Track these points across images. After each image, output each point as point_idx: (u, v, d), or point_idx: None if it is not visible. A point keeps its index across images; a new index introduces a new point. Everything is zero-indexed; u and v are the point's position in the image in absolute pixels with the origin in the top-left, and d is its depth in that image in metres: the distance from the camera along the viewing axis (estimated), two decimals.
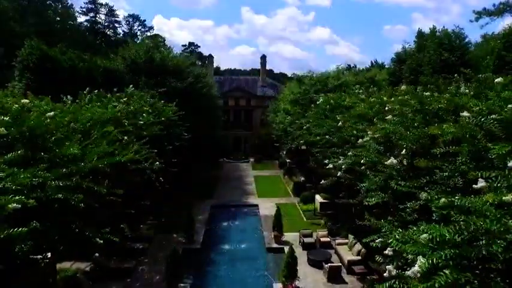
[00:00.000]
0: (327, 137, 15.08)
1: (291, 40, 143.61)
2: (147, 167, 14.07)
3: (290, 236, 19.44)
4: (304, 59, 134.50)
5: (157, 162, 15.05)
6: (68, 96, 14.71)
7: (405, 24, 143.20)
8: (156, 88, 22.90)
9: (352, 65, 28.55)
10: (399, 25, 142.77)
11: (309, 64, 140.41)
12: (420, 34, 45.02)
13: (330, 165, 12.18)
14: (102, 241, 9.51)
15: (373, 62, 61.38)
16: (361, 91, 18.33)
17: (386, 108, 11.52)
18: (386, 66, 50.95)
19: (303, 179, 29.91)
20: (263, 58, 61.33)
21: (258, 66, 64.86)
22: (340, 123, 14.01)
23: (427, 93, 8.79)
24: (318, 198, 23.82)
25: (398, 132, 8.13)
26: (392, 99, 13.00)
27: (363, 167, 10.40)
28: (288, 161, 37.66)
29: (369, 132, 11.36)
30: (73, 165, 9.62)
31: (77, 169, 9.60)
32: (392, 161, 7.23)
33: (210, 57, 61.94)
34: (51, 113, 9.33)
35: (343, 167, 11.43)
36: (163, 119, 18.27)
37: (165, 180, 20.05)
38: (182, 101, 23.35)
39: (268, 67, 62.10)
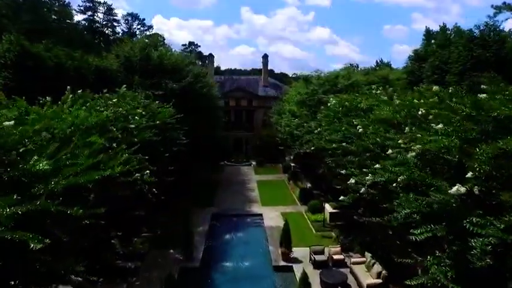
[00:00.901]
0: (343, 144, 13.21)
1: (291, 40, 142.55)
2: (138, 179, 12.22)
3: (298, 252, 17.61)
4: (304, 59, 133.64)
5: (148, 171, 13.16)
6: (48, 98, 12.84)
7: (405, 24, 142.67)
8: (152, 88, 21.10)
9: (354, 65, 26.87)
10: (399, 25, 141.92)
11: (308, 64, 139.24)
12: (428, 32, 43.21)
13: (352, 181, 10.33)
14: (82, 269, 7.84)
15: (379, 61, 59.40)
16: (378, 91, 16.48)
17: (420, 112, 9.67)
18: (392, 66, 49.11)
19: (309, 185, 28.05)
20: (265, 57, 59.48)
21: (258, 66, 63.27)
22: (359, 128, 12.16)
23: (482, 96, 6.98)
24: (328, 207, 21.96)
25: (454, 147, 6.31)
26: (421, 101, 11.14)
27: (395, 184, 8.56)
28: (292, 165, 35.78)
29: (400, 142, 9.52)
30: (42, 184, 7.79)
31: (46, 189, 7.75)
32: (459, 188, 5.41)
33: (210, 56, 60.12)
34: (11, 122, 7.48)
35: (367, 182, 9.58)
36: (158, 122, 16.44)
37: (160, 190, 18.23)
38: (180, 101, 21.55)
39: (268, 67, 60.21)
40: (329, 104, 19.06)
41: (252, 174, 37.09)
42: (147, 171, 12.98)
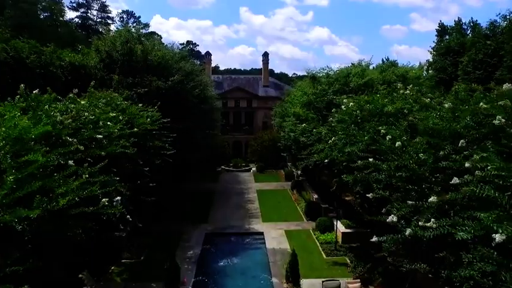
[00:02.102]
0: (370, 160, 10.12)
1: (290, 40, 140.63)
2: (106, 205, 9.16)
3: (307, 284, 14.57)
4: (303, 59, 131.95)
5: (119, 198, 10.05)
6: None
7: (404, 24, 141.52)
8: (135, 88, 18.06)
9: (367, 61, 23.83)
10: (397, 25, 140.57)
11: (308, 64, 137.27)
12: (442, 28, 40.16)
13: (393, 219, 7.23)
14: None
15: (384, 59, 56.21)
16: (407, 92, 13.39)
17: (497, 121, 6.59)
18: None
19: (316, 196, 24.94)
20: (265, 56, 56.46)
21: (258, 66, 60.27)
22: (397, 142, 9.07)
23: None
24: (340, 226, 18.86)
25: None
26: (485, 106, 8.03)
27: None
28: (295, 171, 32.69)
29: (468, 165, 6.44)
30: None
31: None
32: None
33: (208, 54, 56.98)
34: None
35: (430, 234, 6.48)
36: (136, 129, 13.37)
37: (142, 210, 15.14)
38: (169, 103, 18.53)
39: (268, 67, 57.08)
40: (343, 107, 15.97)
41: (252, 182, 33.96)
42: (118, 198, 9.92)
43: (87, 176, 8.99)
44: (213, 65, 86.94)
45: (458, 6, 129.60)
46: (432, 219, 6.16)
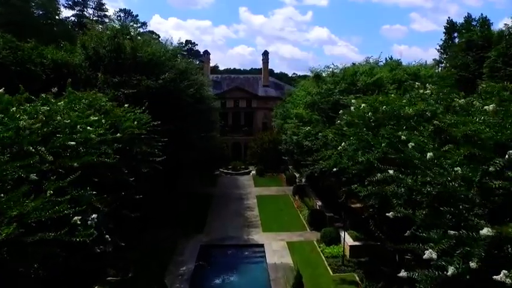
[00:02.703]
0: (390, 172, 8.52)
1: (289, 40, 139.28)
2: (77, 224, 7.66)
3: None
4: (303, 59, 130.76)
5: (95, 216, 8.49)
6: None
7: (403, 24, 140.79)
8: (123, 87, 16.46)
9: (374, 59, 21.82)
10: (397, 25, 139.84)
11: (308, 64, 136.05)
12: (452, 24, 38.50)
13: (432, 255, 5.63)
14: None
15: (388, 58, 54.51)
16: (427, 91, 11.79)
17: None
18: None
19: (319, 203, 23.33)
20: (265, 55, 54.91)
21: (257, 66, 58.68)
22: (428, 153, 7.46)
23: None
24: (348, 239, 17.27)
25: None
26: None
27: None
28: (297, 176, 31.09)
29: None
30: None
31: None
32: None
33: (206, 53, 55.41)
34: None
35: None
36: (119, 135, 11.76)
37: (124, 225, 13.51)
38: (160, 104, 16.93)
39: (268, 67, 55.47)
40: (352, 108, 14.38)
41: (252, 186, 32.33)
42: (94, 216, 8.38)
43: (51, 192, 7.42)
44: (212, 64, 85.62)
45: (458, 6, 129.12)
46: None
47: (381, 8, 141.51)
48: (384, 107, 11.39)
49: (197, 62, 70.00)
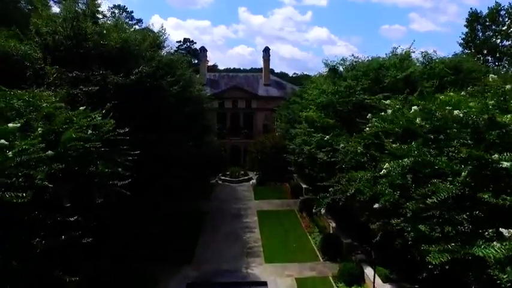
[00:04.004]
0: (505, 232, 4.60)
1: (289, 40, 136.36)
2: None
3: None
4: (303, 59, 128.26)
5: None
6: None
7: (402, 24, 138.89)
8: (85, 84, 12.57)
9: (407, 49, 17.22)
10: (396, 25, 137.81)
11: (307, 65, 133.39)
12: (475, 14, 34.50)
13: None
14: None
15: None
16: (508, 87, 7.93)
17: None
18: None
19: (333, 225, 19.39)
20: (266, 51, 50.94)
21: (257, 66, 54.82)
22: None
23: None
24: (379, 282, 13.29)
25: None
26: None
27: None
28: (304, 186, 27.14)
29: None
30: None
31: None
32: None
33: (203, 50, 51.33)
34: None
35: None
36: (50, 153, 7.84)
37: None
38: (133, 105, 13.09)
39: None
40: (389, 111, 10.51)
41: (251, 198, 28.34)
42: None
43: None
44: (211, 63, 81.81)
45: (457, 6, 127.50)
46: None
47: (380, 8, 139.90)
48: (457, 112, 7.39)
49: (196, 61, 66.41)
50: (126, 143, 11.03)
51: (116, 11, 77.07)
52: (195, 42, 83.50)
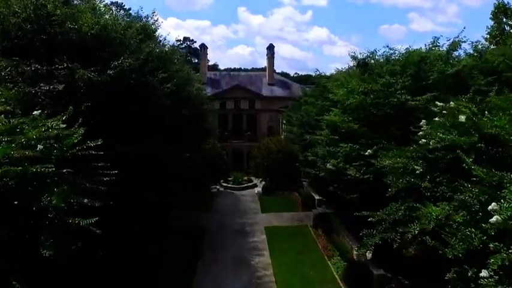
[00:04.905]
0: None
1: (289, 40, 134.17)
2: None
3: None
4: (303, 60, 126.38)
5: None
6: None
7: (402, 24, 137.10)
8: (49, 81, 9.60)
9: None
10: (396, 24, 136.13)
11: (307, 65, 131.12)
12: (503, 6, 31.48)
13: None
14: None
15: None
16: None
17: None
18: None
19: (356, 249, 16.32)
20: (270, 49, 47.96)
21: (257, 66, 51.88)
22: None
23: None
24: None
25: None
26: None
27: None
28: (317, 198, 24.13)
29: None
30: None
31: None
32: None
33: (203, 47, 48.29)
34: None
35: None
36: None
37: None
38: (111, 109, 10.14)
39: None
40: (462, 117, 7.55)
41: (257, 211, 25.27)
42: None
43: None
44: (211, 63, 78.72)
45: (457, 6, 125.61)
46: None
47: (380, 8, 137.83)
48: None
49: (195, 61, 63.26)
50: (103, 158, 8.09)
51: (113, 8, 74.41)
52: (195, 41, 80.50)
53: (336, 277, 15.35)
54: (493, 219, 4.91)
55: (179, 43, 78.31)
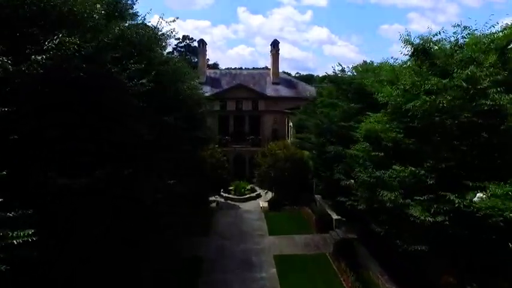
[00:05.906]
0: None
1: (289, 40, 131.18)
2: None
3: None
4: (303, 60, 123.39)
5: None
6: None
7: (402, 23, 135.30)
8: None
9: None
10: (396, 24, 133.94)
11: (307, 65, 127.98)
12: None
13: None
14: None
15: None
16: None
17: None
18: None
19: None
20: (274, 45, 44.18)
21: (258, 66, 48.06)
22: None
23: None
24: None
25: None
26: None
27: None
28: (335, 217, 20.23)
29: None
30: None
31: None
32: None
33: (202, 43, 44.30)
34: None
35: None
36: None
37: None
38: (44, 112, 6.23)
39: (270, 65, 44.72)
40: None
41: (264, 233, 21.16)
42: None
43: None
44: (211, 63, 74.68)
45: (457, 6, 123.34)
46: None
47: (380, 8, 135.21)
48: None
49: (195, 60, 59.18)
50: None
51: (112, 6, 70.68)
52: (194, 40, 76.46)
53: None
54: None
55: (178, 42, 74.59)
